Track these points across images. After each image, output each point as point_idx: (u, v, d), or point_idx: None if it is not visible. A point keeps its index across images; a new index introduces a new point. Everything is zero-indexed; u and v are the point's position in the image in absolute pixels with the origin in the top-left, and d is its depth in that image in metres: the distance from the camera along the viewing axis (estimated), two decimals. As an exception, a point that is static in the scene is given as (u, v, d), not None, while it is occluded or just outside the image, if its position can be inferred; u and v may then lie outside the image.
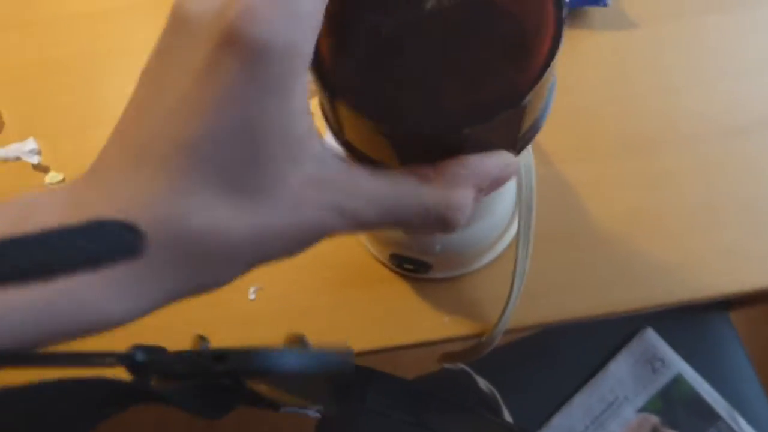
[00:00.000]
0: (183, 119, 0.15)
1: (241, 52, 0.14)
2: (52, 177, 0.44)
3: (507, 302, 0.36)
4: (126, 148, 0.16)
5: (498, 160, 0.20)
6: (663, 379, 0.69)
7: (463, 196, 0.18)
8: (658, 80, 0.42)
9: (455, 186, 0.18)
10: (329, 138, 0.43)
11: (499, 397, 0.65)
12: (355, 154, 0.22)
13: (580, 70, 0.42)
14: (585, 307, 0.37)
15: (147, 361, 0.15)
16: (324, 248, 0.39)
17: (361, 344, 0.37)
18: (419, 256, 0.36)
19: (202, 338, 0.18)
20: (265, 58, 0.14)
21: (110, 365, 0.14)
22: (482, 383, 0.65)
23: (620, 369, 0.70)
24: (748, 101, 0.41)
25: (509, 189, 0.35)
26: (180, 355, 0.15)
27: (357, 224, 0.17)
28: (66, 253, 0.12)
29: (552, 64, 0.19)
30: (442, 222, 0.18)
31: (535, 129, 0.23)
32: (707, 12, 0.43)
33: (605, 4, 0.42)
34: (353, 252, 0.39)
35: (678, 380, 0.69)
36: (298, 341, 0.20)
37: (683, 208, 0.39)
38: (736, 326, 0.72)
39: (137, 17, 0.47)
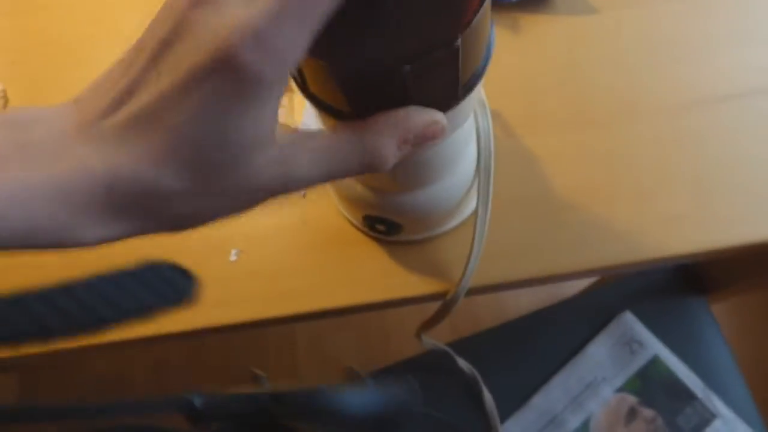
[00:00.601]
0: (174, 108, 0.16)
1: (232, 73, 0.15)
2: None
3: (467, 262, 0.38)
4: (117, 110, 0.17)
5: (424, 116, 0.22)
6: (640, 361, 0.72)
7: (385, 145, 0.21)
8: (615, 61, 0.45)
9: (380, 135, 0.21)
10: (307, 114, 0.45)
11: (479, 378, 0.67)
12: (318, 104, 0.24)
13: (542, 52, 0.46)
14: (541, 269, 0.40)
15: (205, 407, 0.14)
16: (302, 214, 0.43)
17: (334, 302, 0.40)
18: (390, 216, 0.39)
19: (256, 377, 0.19)
20: (254, 85, 0.16)
21: (168, 412, 0.14)
22: (463, 364, 0.68)
23: (599, 351, 0.72)
24: (695, 81, 0.44)
25: (469, 151, 0.38)
26: (237, 398, 0.15)
27: (304, 185, 0.20)
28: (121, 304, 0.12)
29: (484, 5, 0.22)
30: (368, 167, 0.22)
31: (476, 77, 0.25)
32: (664, 0, 0.46)
33: (565, -9, 0.45)
34: (330, 217, 0.43)
35: (655, 361, 0.71)
36: (354, 376, 0.19)
37: (636, 179, 0.42)
38: (715, 313, 0.74)
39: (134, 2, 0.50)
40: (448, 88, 0.24)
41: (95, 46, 0.49)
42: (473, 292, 0.40)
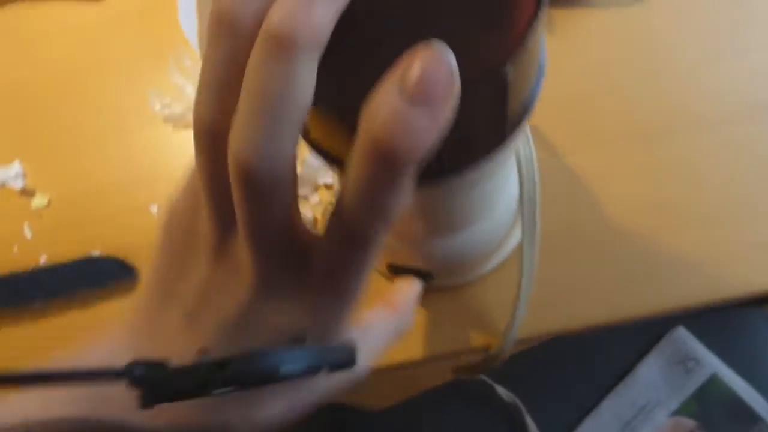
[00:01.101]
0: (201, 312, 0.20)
1: None
2: (39, 201, 0.42)
3: (514, 311, 0.33)
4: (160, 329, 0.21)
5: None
6: (697, 380, 0.65)
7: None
8: (670, 59, 0.38)
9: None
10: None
11: (522, 406, 0.61)
12: (320, 152, 0.20)
13: (582, 53, 0.39)
14: (601, 313, 0.34)
15: (146, 376, 0.14)
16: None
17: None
18: (418, 264, 0.33)
19: (202, 351, 0.19)
20: None
21: (108, 382, 0.15)
22: (502, 392, 0.61)
23: (650, 371, 0.66)
24: (763, 78, 0.37)
25: (509, 185, 0.32)
26: (181, 368, 0.15)
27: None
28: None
29: (536, 27, 0.16)
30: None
31: (526, 107, 0.20)
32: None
33: (608, -19, 0.38)
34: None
35: (713, 380, 0.64)
36: (298, 340, 0.19)
37: (706, 197, 0.35)
38: (775, 320, 0.67)
39: (116, 31, 0.45)
40: (492, 127, 0.18)
41: (75, 82, 0.44)
42: (522, 342, 0.34)
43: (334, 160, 0.19)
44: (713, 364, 0.66)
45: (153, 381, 0.15)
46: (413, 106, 0.14)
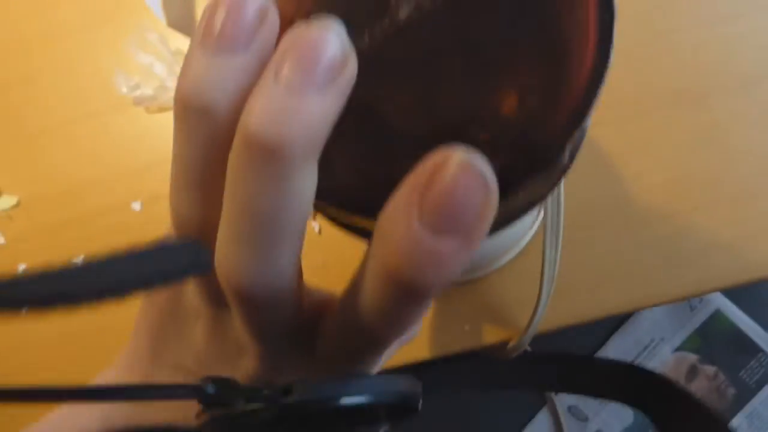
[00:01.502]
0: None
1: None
2: (6, 202, 0.38)
3: (535, 308, 0.31)
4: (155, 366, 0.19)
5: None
6: (701, 316, 0.66)
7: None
8: (704, 9, 0.34)
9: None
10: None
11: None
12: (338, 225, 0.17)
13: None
14: (627, 301, 0.32)
15: (217, 395, 0.14)
16: (320, 254, 0.35)
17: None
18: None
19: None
20: None
21: (180, 398, 0.14)
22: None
23: (655, 310, 0.66)
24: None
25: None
26: (249, 389, 0.14)
27: None
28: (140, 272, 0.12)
29: (593, 104, 0.13)
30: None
31: (576, 148, 0.17)
32: None
33: None
34: (353, 256, 0.34)
35: (716, 316, 0.65)
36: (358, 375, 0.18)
37: (739, 168, 0.33)
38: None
39: (77, 34, 0.39)
40: (534, 198, 0.15)
41: (39, 84, 0.38)
42: (540, 335, 0.33)
43: (346, 226, 0.16)
44: (717, 300, 0.66)
45: (224, 400, 0.14)
46: (437, 236, 0.11)
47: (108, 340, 0.32)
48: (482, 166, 0.11)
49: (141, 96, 0.36)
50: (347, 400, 0.14)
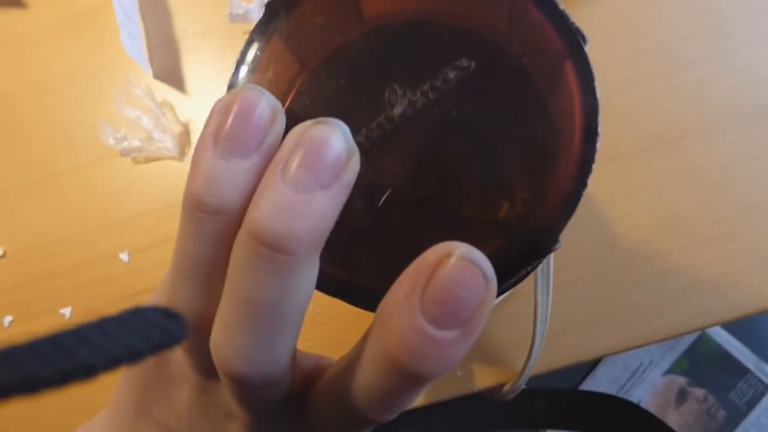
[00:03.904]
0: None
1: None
2: (-10, 253, 0.38)
3: (530, 351, 0.31)
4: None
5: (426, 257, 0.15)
6: (688, 339, 0.67)
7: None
8: (678, 53, 0.35)
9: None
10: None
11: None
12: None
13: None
14: (618, 342, 0.33)
15: None
16: (313, 300, 0.35)
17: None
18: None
19: None
20: None
21: None
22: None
23: (643, 334, 0.67)
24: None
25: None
26: None
27: None
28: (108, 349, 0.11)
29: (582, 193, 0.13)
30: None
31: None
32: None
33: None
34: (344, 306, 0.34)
35: (703, 338, 0.66)
36: None
37: (722, 208, 0.33)
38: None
39: (46, 43, 0.39)
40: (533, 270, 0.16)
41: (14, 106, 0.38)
42: (535, 376, 0.33)
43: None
44: (703, 322, 0.67)
45: None
46: (439, 327, 0.11)
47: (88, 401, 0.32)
48: (481, 261, 0.11)
49: (128, 147, 0.36)
50: None
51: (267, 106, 0.12)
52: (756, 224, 0.33)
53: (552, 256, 0.29)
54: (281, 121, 0.13)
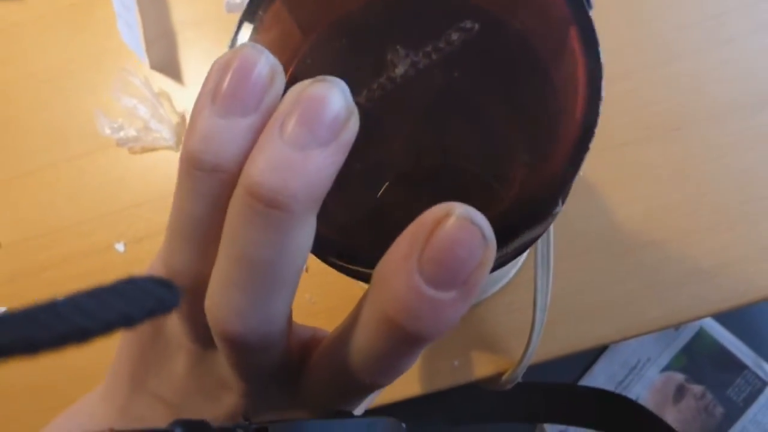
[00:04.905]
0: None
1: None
2: (-15, 244, 0.37)
3: (529, 339, 0.31)
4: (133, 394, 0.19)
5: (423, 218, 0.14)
6: (685, 335, 0.67)
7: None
8: (674, 44, 0.35)
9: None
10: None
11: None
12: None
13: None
14: (615, 330, 0.33)
15: None
16: (308, 290, 0.35)
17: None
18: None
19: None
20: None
21: None
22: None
23: (640, 330, 0.67)
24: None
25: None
26: (221, 429, 0.14)
27: None
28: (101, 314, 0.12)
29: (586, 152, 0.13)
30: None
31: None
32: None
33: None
34: (341, 291, 0.34)
35: (701, 334, 0.66)
36: (339, 414, 0.18)
37: (717, 197, 0.33)
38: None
39: (45, 38, 0.39)
40: (526, 242, 0.16)
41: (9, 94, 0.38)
42: (533, 366, 0.33)
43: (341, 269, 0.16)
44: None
45: None
46: (437, 287, 0.11)
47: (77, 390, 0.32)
48: (481, 221, 0.11)
49: (124, 137, 0.36)
50: None
51: (266, 64, 0.12)
52: (752, 214, 0.33)
53: (552, 243, 0.29)
54: (281, 81, 0.13)
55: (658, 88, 0.35)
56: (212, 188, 0.13)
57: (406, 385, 0.33)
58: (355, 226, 0.13)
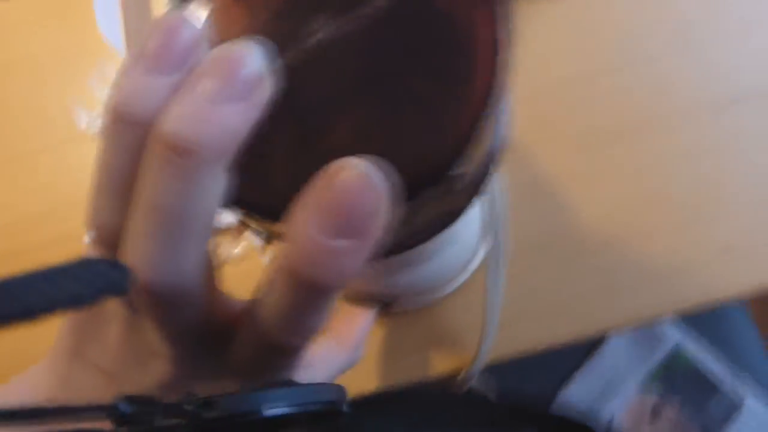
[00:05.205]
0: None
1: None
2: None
3: (482, 335, 0.31)
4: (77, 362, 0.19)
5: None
6: (660, 353, 0.66)
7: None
8: (634, 51, 0.36)
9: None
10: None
11: (494, 381, 0.61)
12: (255, 232, 0.17)
13: (547, 47, 0.36)
14: (571, 331, 0.33)
15: (133, 413, 0.14)
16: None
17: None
18: (378, 295, 0.31)
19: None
20: None
21: (95, 419, 0.14)
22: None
23: (617, 346, 0.67)
24: (740, 67, 0.35)
25: (475, 207, 0.30)
26: (168, 406, 0.14)
27: None
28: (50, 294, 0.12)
29: (487, 123, 0.14)
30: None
31: (489, 168, 0.18)
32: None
33: (573, -31, 0.35)
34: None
35: (677, 352, 0.66)
36: (286, 383, 0.18)
37: (673, 200, 0.34)
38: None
39: (28, 31, 0.40)
40: (442, 214, 0.16)
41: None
42: (491, 365, 0.33)
43: (264, 236, 0.17)
44: (676, 336, 0.67)
45: (140, 418, 0.14)
46: (332, 236, 0.12)
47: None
48: (373, 173, 0.12)
49: (101, 129, 0.37)
50: (271, 412, 0.14)
51: (189, 29, 0.13)
52: (710, 216, 0.34)
53: (503, 240, 0.30)
54: (204, 46, 0.14)
55: (619, 91, 0.36)
56: (132, 141, 0.13)
57: (364, 379, 0.33)
58: (269, 183, 0.14)
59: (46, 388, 0.20)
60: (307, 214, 0.12)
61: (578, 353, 0.67)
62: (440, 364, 0.33)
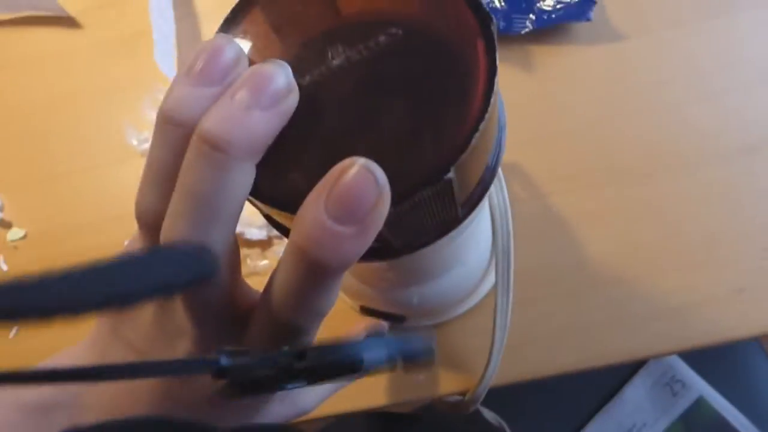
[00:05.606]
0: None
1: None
2: (14, 233, 0.42)
3: (488, 360, 0.32)
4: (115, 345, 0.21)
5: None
6: (684, 403, 0.65)
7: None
8: (653, 97, 0.38)
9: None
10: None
11: (507, 429, 0.61)
12: (269, 221, 0.20)
13: (564, 91, 0.39)
14: (578, 360, 0.34)
15: (232, 366, 0.15)
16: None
17: (323, 408, 0.34)
18: (391, 309, 0.33)
19: None
20: None
21: (195, 372, 0.15)
22: (488, 415, 0.61)
23: (637, 393, 0.66)
24: (757, 116, 0.36)
25: (483, 230, 0.32)
26: (263, 358, 0.15)
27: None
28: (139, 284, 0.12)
29: (482, 129, 0.16)
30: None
31: (483, 186, 0.20)
32: (707, 17, 0.39)
33: (588, 19, 0.38)
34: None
35: (700, 403, 0.64)
36: (376, 333, 0.19)
37: (686, 240, 0.35)
38: (766, 346, 0.67)
39: (94, 61, 0.45)
40: (443, 215, 0.18)
41: (54, 110, 0.44)
42: (496, 388, 0.34)
43: (284, 230, 0.19)
44: (700, 386, 0.66)
45: (239, 370, 0.15)
46: (337, 222, 0.14)
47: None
48: (376, 171, 0.14)
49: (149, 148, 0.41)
50: (366, 359, 0.15)
51: (232, 50, 0.16)
52: (719, 257, 0.34)
53: (512, 263, 0.31)
54: (244, 64, 0.16)
55: (636, 134, 0.37)
56: (176, 140, 0.16)
57: (372, 395, 0.35)
58: (293, 180, 0.16)
59: (84, 362, 0.22)
60: (318, 200, 0.14)
61: (594, 400, 0.66)
62: (447, 384, 0.34)
